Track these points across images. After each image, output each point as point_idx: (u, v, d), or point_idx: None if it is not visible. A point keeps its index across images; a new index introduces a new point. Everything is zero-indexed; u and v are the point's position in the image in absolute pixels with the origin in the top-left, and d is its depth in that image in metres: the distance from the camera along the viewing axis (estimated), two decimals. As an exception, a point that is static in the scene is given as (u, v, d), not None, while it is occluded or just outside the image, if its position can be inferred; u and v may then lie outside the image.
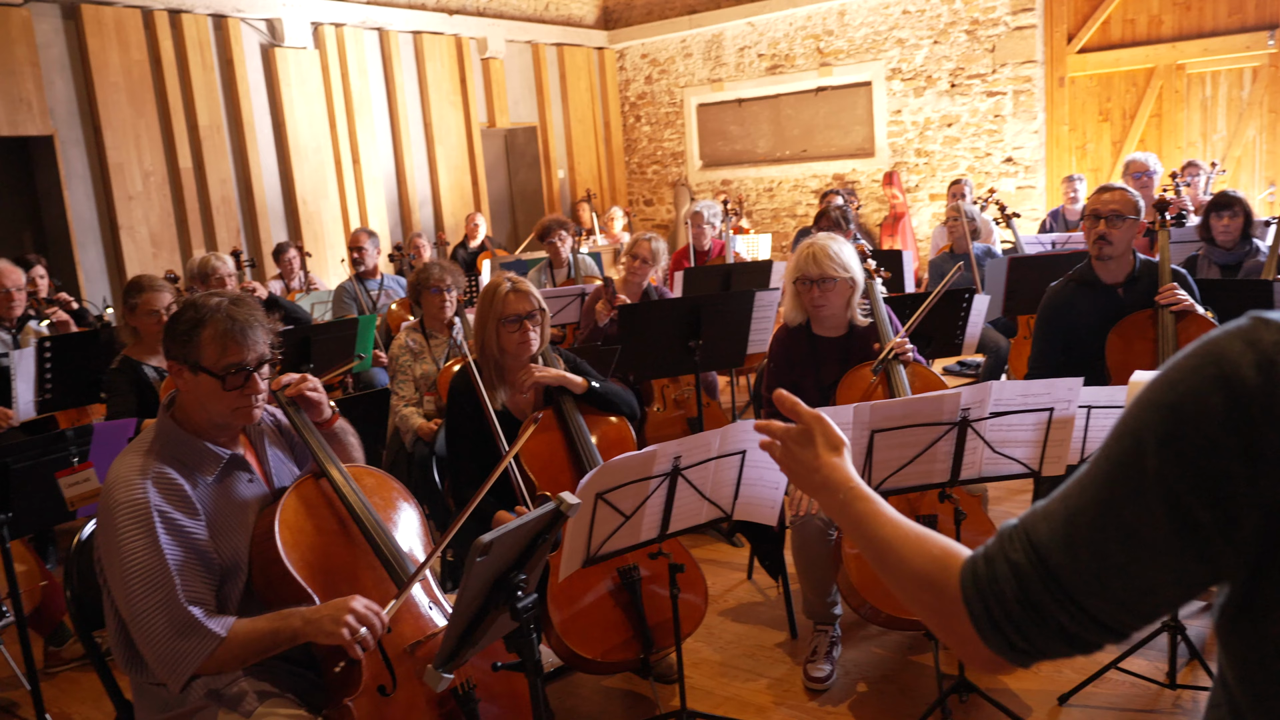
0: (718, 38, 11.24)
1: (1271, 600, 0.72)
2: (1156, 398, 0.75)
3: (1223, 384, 0.70)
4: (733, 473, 2.68)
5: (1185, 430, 0.72)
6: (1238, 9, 8.59)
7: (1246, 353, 0.70)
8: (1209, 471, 0.71)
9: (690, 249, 6.28)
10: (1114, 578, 0.79)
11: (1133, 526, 0.76)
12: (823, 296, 3.25)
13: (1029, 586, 0.83)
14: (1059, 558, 0.81)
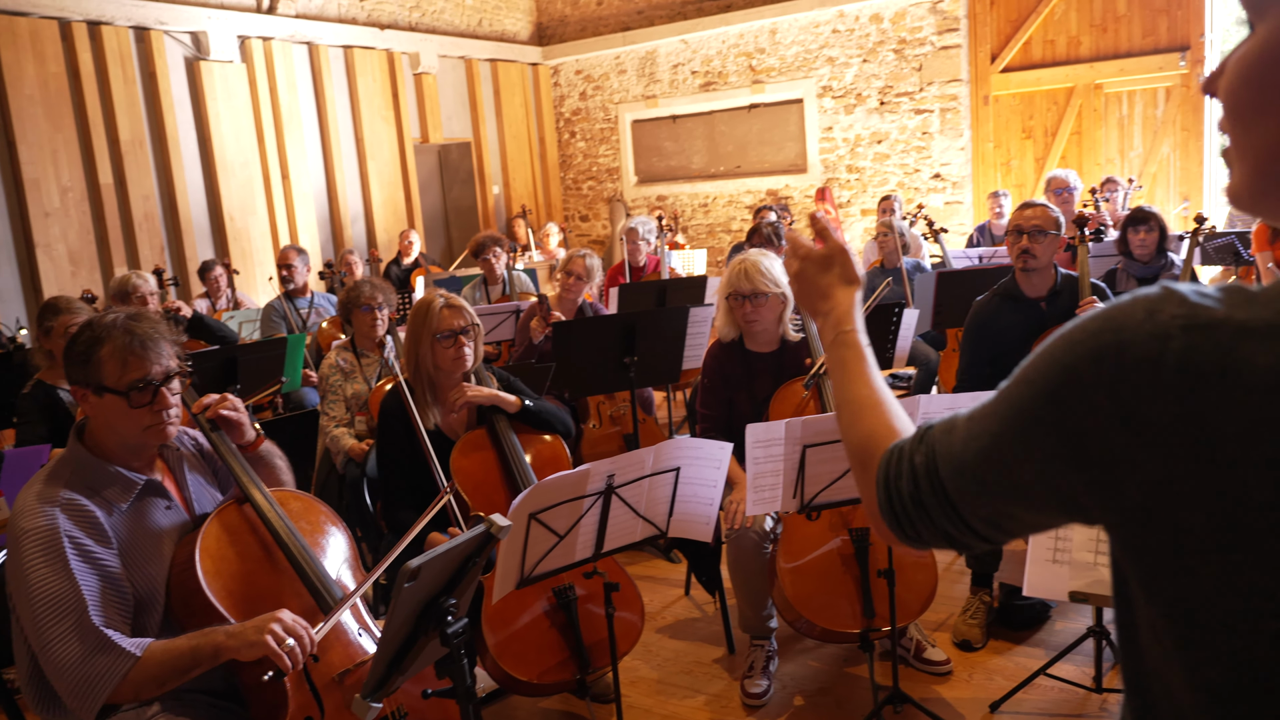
0: (651, 55, 11.31)
1: (1140, 587, 0.73)
2: (1057, 353, 0.76)
3: (1116, 351, 0.71)
4: (667, 490, 2.68)
5: (1073, 390, 0.73)
6: (1151, 31, 8.92)
7: (1145, 323, 0.70)
8: (1088, 434, 0.72)
9: (625, 265, 6.29)
10: (991, 504, 0.85)
11: (1011, 467, 0.80)
12: (755, 312, 3.27)
13: (921, 489, 0.91)
14: (948, 473, 0.88)
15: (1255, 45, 0.74)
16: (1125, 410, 0.70)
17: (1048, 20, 9.34)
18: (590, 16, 11.72)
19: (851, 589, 2.95)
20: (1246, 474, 0.65)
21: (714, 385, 3.40)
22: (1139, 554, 0.73)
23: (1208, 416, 0.66)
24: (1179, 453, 0.68)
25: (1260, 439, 0.65)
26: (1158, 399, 0.68)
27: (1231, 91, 0.76)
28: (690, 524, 2.75)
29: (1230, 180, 0.79)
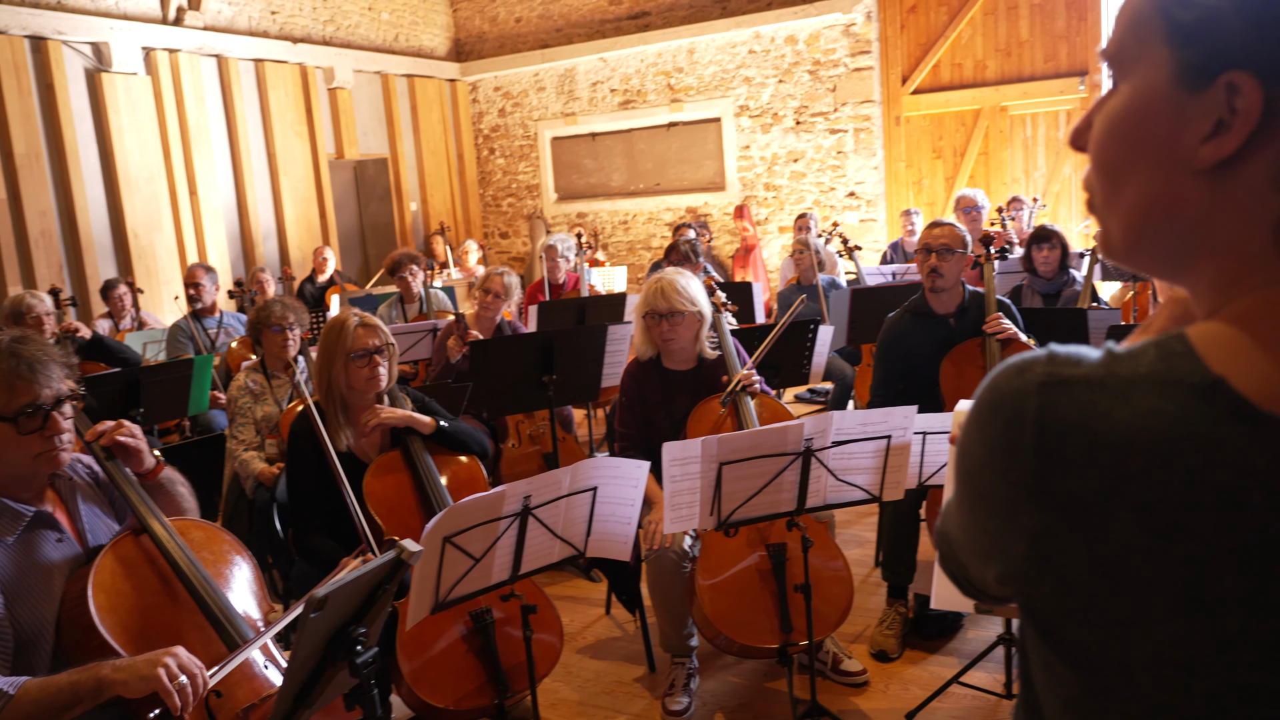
0: (570, 72, 11.34)
1: (1038, 639, 0.75)
2: (966, 417, 0.78)
3: (991, 410, 0.73)
4: (584, 510, 2.66)
5: (970, 451, 0.76)
6: (1052, 57, 9.28)
7: (1014, 381, 0.72)
8: (985, 488, 0.74)
9: (545, 283, 6.26)
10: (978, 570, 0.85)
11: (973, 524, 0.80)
12: (671, 330, 3.28)
13: (944, 552, 0.92)
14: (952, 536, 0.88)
15: (1121, 101, 0.75)
16: (1003, 467, 0.72)
17: (955, 44, 9.65)
18: (509, 33, 11.70)
19: (769, 604, 2.97)
20: (1118, 527, 0.67)
21: (632, 403, 3.40)
22: (1036, 606, 0.74)
23: (1073, 472, 0.68)
24: (1052, 508, 0.69)
25: (1126, 492, 0.67)
26: (1027, 456, 0.70)
27: (1099, 147, 0.77)
28: (608, 543, 2.74)
29: (1100, 232, 0.80)
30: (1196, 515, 0.65)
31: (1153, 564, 0.66)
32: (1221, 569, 0.65)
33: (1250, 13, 0.68)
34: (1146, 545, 0.66)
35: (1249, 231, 0.71)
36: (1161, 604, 0.67)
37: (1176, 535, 0.66)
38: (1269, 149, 0.68)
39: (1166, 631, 0.67)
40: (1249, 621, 0.65)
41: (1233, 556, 0.65)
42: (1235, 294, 0.72)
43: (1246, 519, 0.65)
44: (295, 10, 9.99)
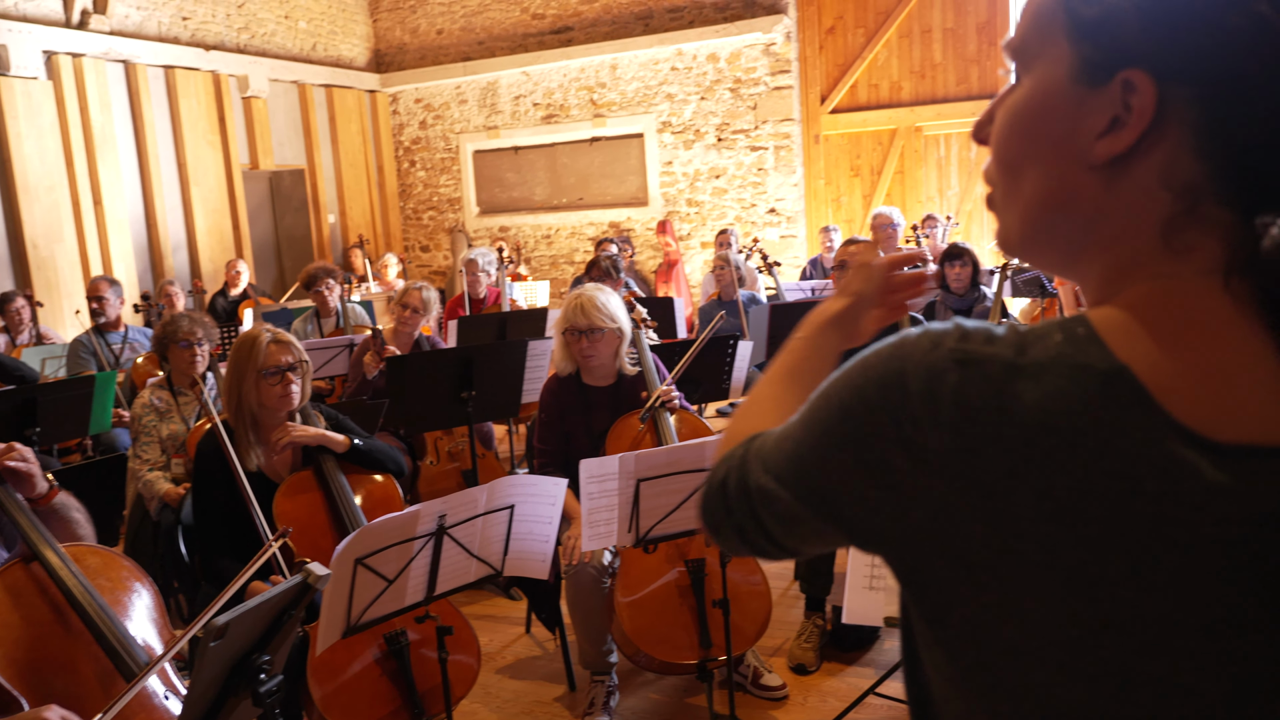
0: (493, 85, 11.28)
1: (925, 619, 0.75)
2: (853, 374, 0.76)
3: (900, 379, 0.72)
4: (501, 528, 2.63)
5: (863, 412, 0.73)
6: (964, 80, 9.57)
7: (928, 355, 0.72)
8: (876, 455, 0.73)
9: (465, 297, 6.20)
10: (788, 510, 0.82)
11: (813, 477, 0.78)
12: (591, 347, 3.28)
13: (729, 484, 0.88)
14: (756, 472, 0.85)
15: (1022, 95, 0.77)
16: (907, 437, 0.71)
17: (872, 66, 9.88)
18: (430, 45, 11.59)
19: (688, 620, 2.97)
20: (1019, 506, 0.68)
21: (551, 420, 3.38)
22: (925, 582, 0.74)
23: (981, 450, 0.68)
24: (957, 483, 0.69)
25: (1029, 473, 0.67)
26: (936, 430, 0.70)
27: (1000, 141, 0.78)
28: (526, 562, 2.71)
29: (999, 227, 0.81)
30: (1093, 501, 0.67)
31: (1047, 547, 0.67)
32: (1111, 554, 0.67)
33: (1149, 11, 0.69)
34: (1044, 529, 0.67)
35: (1139, 227, 0.73)
36: (1050, 586, 0.68)
37: (1073, 519, 0.67)
38: (1160, 147, 0.70)
39: (1053, 613, 0.68)
40: (1132, 607, 0.67)
41: (1123, 542, 0.66)
42: (1124, 285, 0.74)
43: (1138, 507, 0.66)
44: (208, 17, 9.74)
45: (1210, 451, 0.67)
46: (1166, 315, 0.71)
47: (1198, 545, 0.66)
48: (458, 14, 11.37)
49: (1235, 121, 0.68)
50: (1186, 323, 0.70)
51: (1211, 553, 0.66)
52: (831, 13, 9.93)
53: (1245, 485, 0.66)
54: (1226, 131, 0.69)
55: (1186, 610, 0.67)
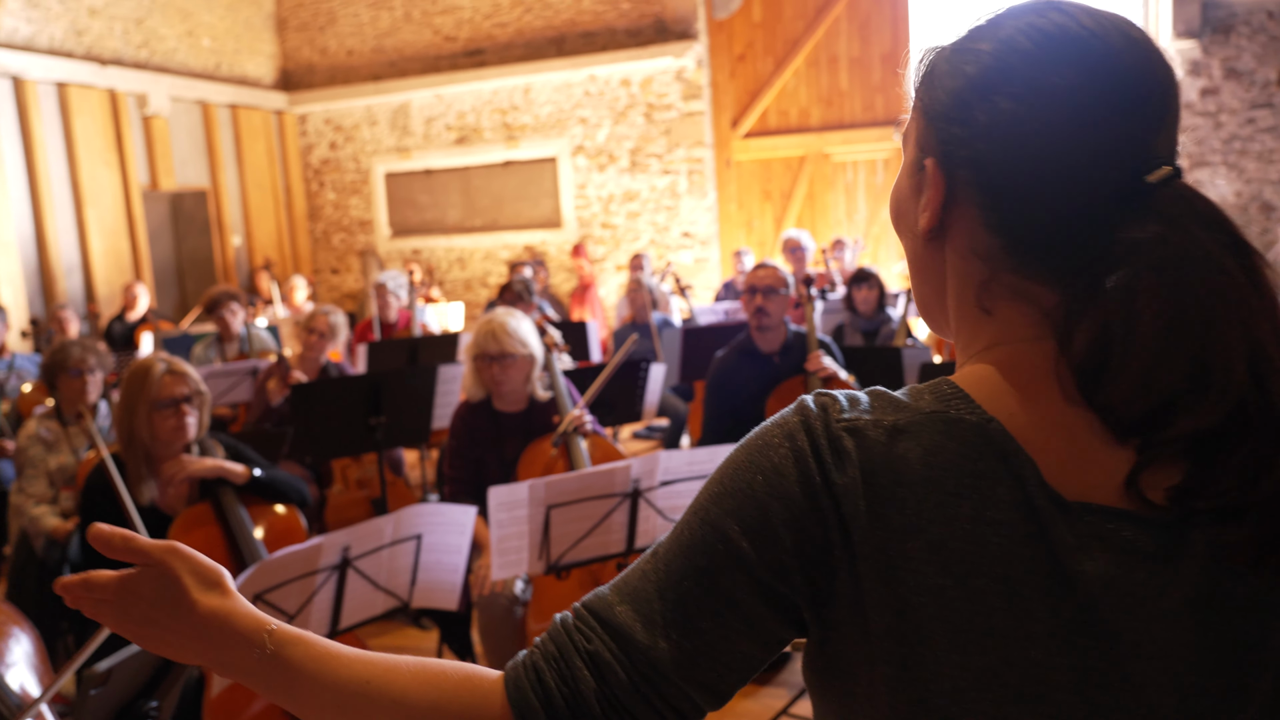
0: (404, 107, 11.16)
1: (836, 654, 0.75)
2: (740, 467, 0.75)
3: (794, 458, 0.73)
4: (409, 559, 2.58)
5: (759, 501, 0.73)
6: (870, 107, 9.84)
7: (815, 428, 0.73)
8: (782, 541, 0.73)
9: (375, 321, 6.09)
10: (702, 656, 0.75)
11: (727, 598, 0.75)
12: (502, 373, 3.24)
13: (611, 680, 0.76)
14: (642, 640, 0.76)
15: (899, 174, 0.85)
16: (816, 508, 0.72)
17: (782, 92, 10.08)
18: (340, 65, 11.41)
19: (602, 647, 2.94)
20: (915, 563, 0.70)
21: (461, 447, 3.33)
22: (831, 651, 0.75)
23: (883, 512, 0.70)
24: (865, 550, 0.71)
25: (921, 528, 0.70)
26: (838, 499, 0.71)
27: (890, 213, 0.87)
28: (435, 592, 2.66)
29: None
30: (980, 550, 0.69)
31: (940, 600, 0.69)
32: (995, 603, 0.69)
33: (942, 106, 0.78)
34: (938, 582, 0.69)
35: (967, 292, 0.79)
36: (942, 639, 0.69)
37: (963, 571, 0.69)
38: (960, 223, 0.77)
39: (944, 667, 0.70)
40: (1013, 655, 0.69)
41: (1004, 590, 0.69)
42: (976, 347, 0.79)
43: (1020, 554, 0.69)
44: (105, 31, 9.41)
45: (1060, 508, 0.70)
46: (1016, 376, 0.74)
47: (1056, 599, 0.69)
48: (369, 35, 11.23)
49: (1005, 200, 0.75)
50: (1032, 385, 0.74)
51: (1066, 606, 0.69)
52: (742, 40, 10.12)
53: (1082, 544, 0.69)
54: (1002, 209, 0.75)
55: (1058, 664, 0.69)
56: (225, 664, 0.80)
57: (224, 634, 0.79)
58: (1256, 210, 8.58)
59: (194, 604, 0.79)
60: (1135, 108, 0.72)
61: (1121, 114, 0.72)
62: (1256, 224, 8.53)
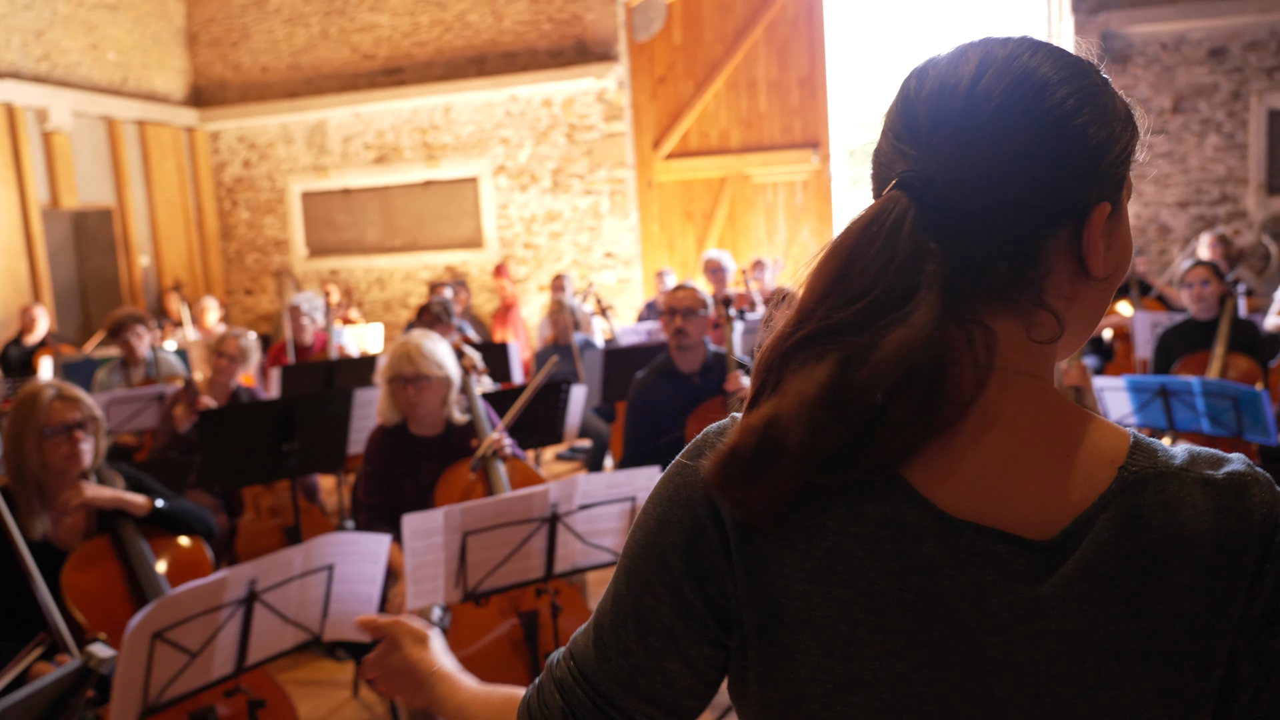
0: (321, 125, 10.96)
1: (751, 677, 0.80)
2: (661, 505, 0.83)
3: (687, 499, 0.80)
4: (320, 590, 2.50)
5: (676, 539, 0.80)
6: (788, 130, 10.01)
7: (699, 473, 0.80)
8: (703, 573, 0.79)
9: (289, 344, 5.94)
10: (639, 675, 0.83)
11: (648, 621, 0.82)
12: (418, 395, 3.19)
13: (573, 699, 0.86)
14: (592, 663, 0.85)
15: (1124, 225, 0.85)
16: (698, 531, 0.79)
17: (702, 115, 10.19)
18: (254, 82, 11.17)
19: (522, 674, 2.90)
20: (786, 567, 0.75)
21: (376, 472, 3.26)
22: (735, 663, 0.81)
23: (751, 539, 0.77)
24: (739, 557, 0.77)
25: (796, 539, 0.75)
26: (722, 536, 0.78)
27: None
28: (348, 624, 2.58)
29: None
30: (845, 562, 0.74)
31: (808, 605, 0.74)
32: (859, 615, 0.73)
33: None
34: (805, 589, 0.74)
35: None
36: (811, 644, 0.74)
37: (829, 581, 0.74)
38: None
39: (812, 672, 0.75)
40: (879, 666, 0.73)
41: (868, 602, 0.73)
42: None
43: (885, 569, 0.73)
44: (1, 43, 9.05)
45: (941, 524, 0.72)
46: None
47: (922, 614, 0.72)
48: (284, 51, 11.02)
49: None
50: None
51: (932, 622, 0.72)
52: (663, 62, 10.21)
53: (956, 561, 0.72)
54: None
55: (923, 677, 0.72)
56: (422, 696, 1.08)
57: (414, 673, 1.09)
58: (1155, 232, 8.96)
59: (407, 657, 1.10)
60: None
61: None
62: (1155, 245, 8.91)
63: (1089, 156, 0.75)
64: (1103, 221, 0.76)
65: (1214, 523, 0.70)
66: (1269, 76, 8.55)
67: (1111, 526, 0.71)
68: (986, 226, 0.74)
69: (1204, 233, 7.86)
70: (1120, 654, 0.70)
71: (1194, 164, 8.81)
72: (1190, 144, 8.76)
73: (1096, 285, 0.78)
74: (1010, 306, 0.76)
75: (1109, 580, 0.70)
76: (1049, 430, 0.75)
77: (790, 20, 9.86)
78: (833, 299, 0.75)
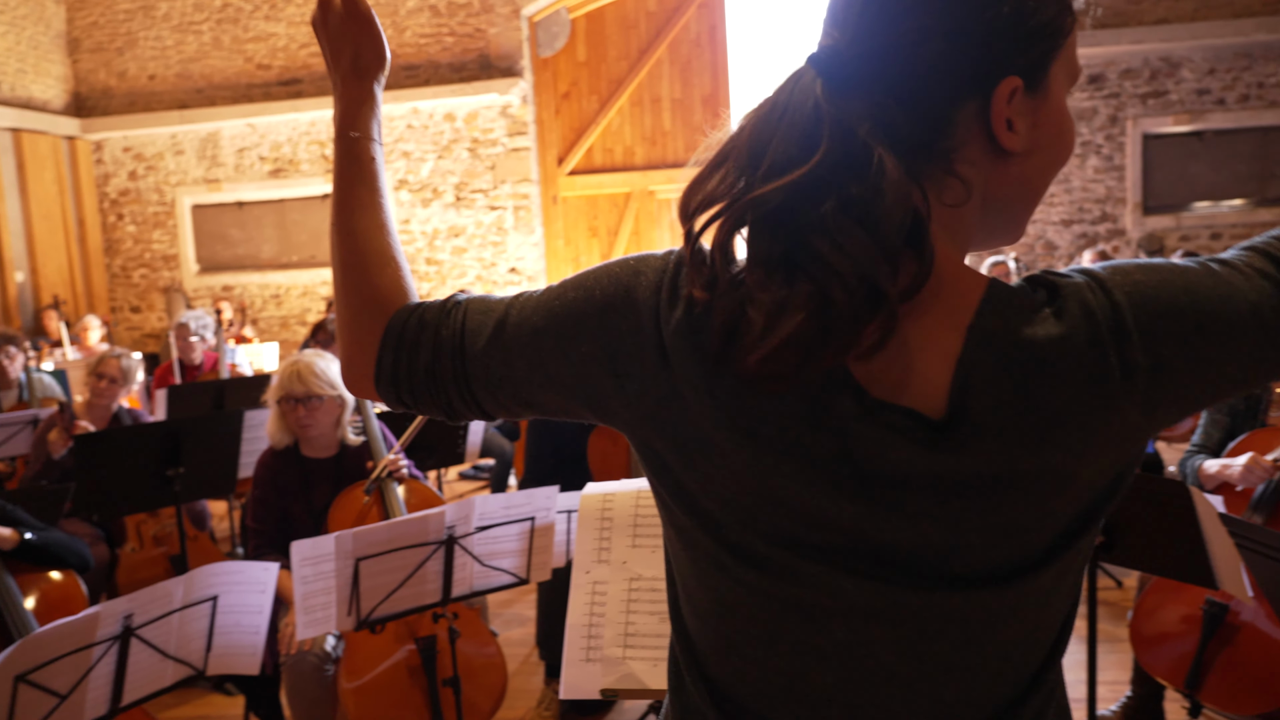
0: (214, 136, 10.61)
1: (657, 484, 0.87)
2: (613, 271, 0.87)
3: (643, 285, 0.85)
4: (203, 622, 2.39)
5: (617, 308, 0.85)
6: (692, 147, 9.69)
7: (661, 261, 0.87)
8: (623, 347, 0.84)
9: (176, 364, 5.70)
10: (514, 389, 0.89)
11: (550, 360, 0.87)
12: (309, 416, 3.09)
13: (441, 362, 0.91)
14: (477, 354, 0.90)
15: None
16: (642, 334, 0.83)
17: (607, 131, 10.23)
18: (141, 90, 10.74)
19: (419, 701, 2.82)
20: (712, 398, 0.80)
21: (266, 497, 3.14)
22: (653, 455, 0.86)
23: (694, 348, 0.81)
24: (675, 374, 0.82)
25: (719, 374, 0.79)
26: (666, 327, 0.82)
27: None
28: (234, 657, 2.48)
29: None
30: (775, 403, 0.79)
31: (730, 437, 0.81)
32: (781, 448, 0.79)
33: None
34: (713, 419, 0.81)
35: None
36: (735, 467, 0.80)
37: (744, 421, 0.79)
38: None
39: (731, 487, 0.82)
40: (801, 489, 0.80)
41: (792, 440, 0.79)
42: None
43: (807, 415, 0.78)
44: None
45: (858, 398, 0.78)
46: None
47: (838, 457, 0.78)
48: (173, 59, 10.64)
49: None
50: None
51: (844, 462, 0.78)
52: (566, 79, 10.21)
53: (867, 423, 0.77)
54: None
55: (843, 507, 0.78)
56: (339, 114, 1.02)
57: (343, 98, 1.01)
58: (1041, 248, 9.35)
59: (342, 61, 1.01)
60: None
61: None
62: (1042, 261, 9.29)
63: (995, 29, 0.76)
64: (1009, 94, 0.77)
65: (1065, 341, 0.74)
66: (1143, 102, 9.02)
67: (987, 387, 0.75)
68: (895, 97, 0.76)
69: (1086, 250, 8.24)
70: (1025, 488, 0.76)
71: (1076, 184, 9.23)
72: (1073, 165, 9.18)
73: (1018, 162, 0.80)
74: (926, 176, 0.77)
75: (1003, 438, 0.75)
76: (950, 296, 0.77)
77: (693, 39, 9.99)
78: (768, 158, 0.78)
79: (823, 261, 0.73)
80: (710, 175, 0.82)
